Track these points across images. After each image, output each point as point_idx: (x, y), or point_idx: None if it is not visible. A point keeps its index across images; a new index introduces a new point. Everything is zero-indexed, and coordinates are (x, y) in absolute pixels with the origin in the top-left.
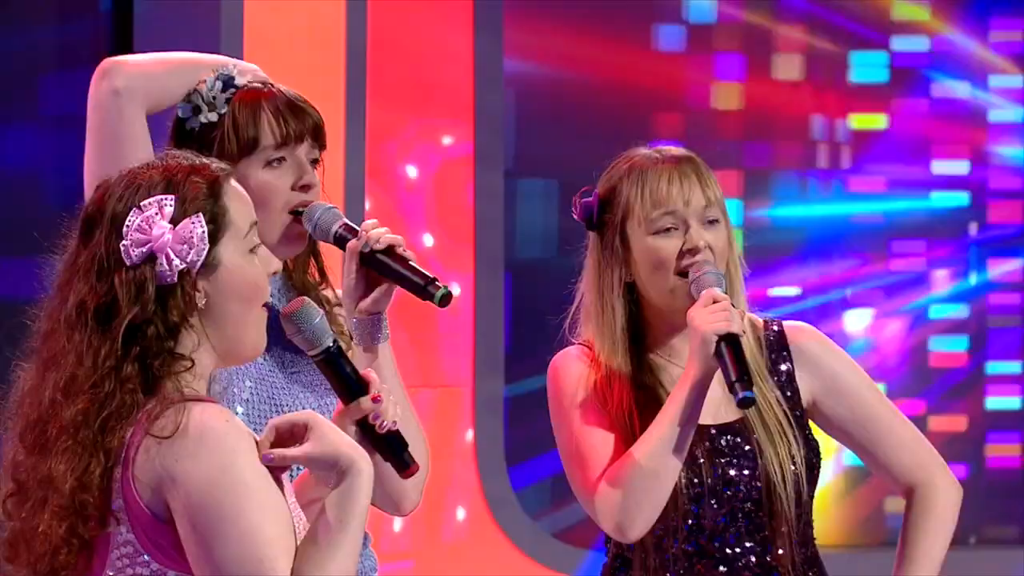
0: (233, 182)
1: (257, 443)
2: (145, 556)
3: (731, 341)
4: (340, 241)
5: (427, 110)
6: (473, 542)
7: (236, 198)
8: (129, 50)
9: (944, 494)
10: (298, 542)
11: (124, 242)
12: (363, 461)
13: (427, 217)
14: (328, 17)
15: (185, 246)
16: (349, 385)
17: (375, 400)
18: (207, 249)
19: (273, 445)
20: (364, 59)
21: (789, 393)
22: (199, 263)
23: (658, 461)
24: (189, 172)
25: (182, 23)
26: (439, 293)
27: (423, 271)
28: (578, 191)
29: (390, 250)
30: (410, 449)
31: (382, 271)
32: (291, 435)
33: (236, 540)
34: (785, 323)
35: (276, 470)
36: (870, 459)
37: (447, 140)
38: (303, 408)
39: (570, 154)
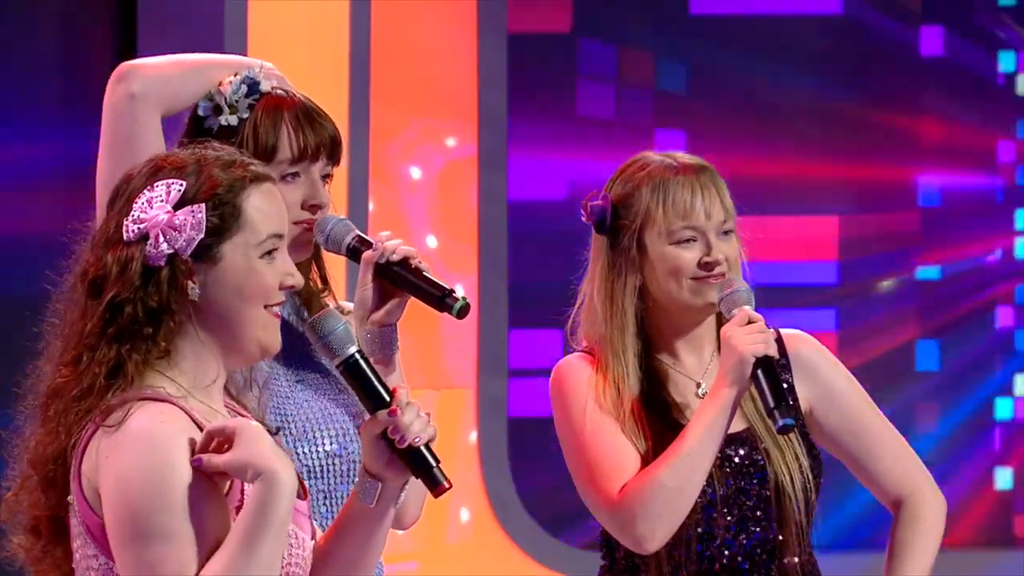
0: (267, 187)
1: (193, 447)
2: (92, 549)
3: (767, 365)
4: (353, 253)
5: (430, 111)
6: (477, 543)
7: (262, 202)
8: (133, 52)
9: (932, 506)
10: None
11: (127, 218)
12: (282, 471)
13: (431, 218)
14: (331, 18)
15: (176, 232)
16: (371, 396)
17: (391, 414)
18: (203, 240)
19: (211, 451)
20: (368, 60)
21: (791, 401)
22: (189, 251)
23: (683, 477)
24: (217, 165)
25: (186, 24)
26: (457, 305)
27: (440, 283)
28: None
29: (405, 262)
30: None
31: (398, 283)
32: (228, 441)
33: (145, 540)
34: (782, 331)
35: (216, 476)
36: (859, 469)
37: (451, 141)
38: (308, 416)
39: None
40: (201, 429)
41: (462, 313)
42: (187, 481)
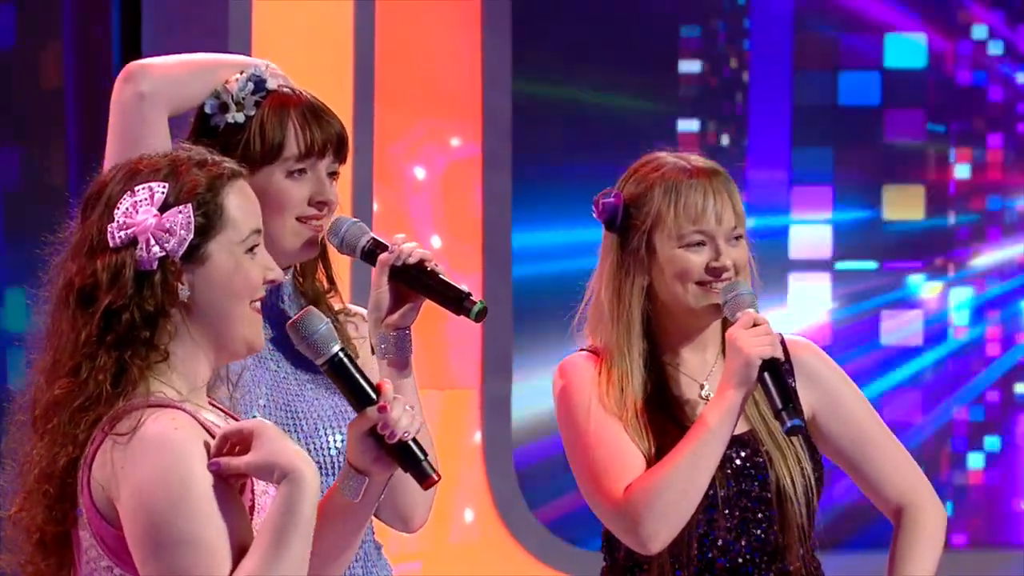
0: (241, 184)
1: (208, 451)
2: (106, 561)
3: (773, 367)
4: (368, 256)
5: (435, 111)
6: (481, 543)
7: (240, 199)
8: (137, 52)
9: (933, 516)
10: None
11: (111, 224)
12: (307, 469)
13: (435, 218)
14: (336, 18)
15: (167, 234)
16: (357, 394)
17: (381, 410)
18: (192, 241)
19: (226, 454)
20: (372, 60)
21: (798, 403)
22: (180, 253)
23: (688, 478)
24: (193, 165)
25: (190, 24)
26: (475, 308)
27: (456, 285)
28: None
29: (421, 264)
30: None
31: (414, 286)
32: (242, 442)
33: (171, 548)
34: (786, 337)
35: (232, 478)
36: (860, 477)
37: (455, 141)
38: (319, 413)
39: None
40: (208, 431)
41: (480, 316)
42: (208, 486)
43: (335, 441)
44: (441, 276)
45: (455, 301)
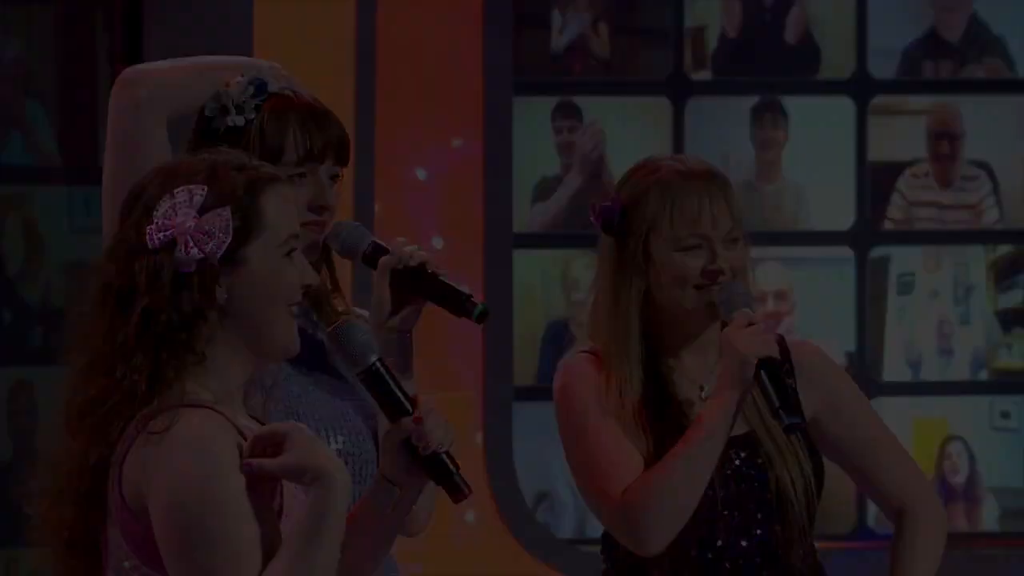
0: (279, 188)
1: (241, 452)
2: (130, 561)
3: (769, 366)
4: (369, 259)
5: (436, 112)
6: (483, 545)
7: (278, 204)
8: (139, 54)
9: (934, 518)
10: None
11: (150, 226)
12: (337, 473)
13: (436, 219)
14: (337, 19)
15: (206, 236)
16: (393, 404)
17: (416, 421)
18: (230, 244)
19: (257, 455)
20: (373, 60)
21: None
22: (219, 255)
23: (685, 479)
24: (232, 168)
25: (191, 24)
26: (477, 310)
27: (458, 287)
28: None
29: (423, 267)
30: None
31: (416, 288)
32: (275, 445)
33: (202, 547)
34: (789, 340)
35: (264, 481)
36: (862, 478)
37: (456, 142)
38: (321, 415)
39: None
40: (241, 434)
41: (482, 318)
42: (239, 488)
43: (336, 443)
44: (442, 278)
45: (457, 303)
